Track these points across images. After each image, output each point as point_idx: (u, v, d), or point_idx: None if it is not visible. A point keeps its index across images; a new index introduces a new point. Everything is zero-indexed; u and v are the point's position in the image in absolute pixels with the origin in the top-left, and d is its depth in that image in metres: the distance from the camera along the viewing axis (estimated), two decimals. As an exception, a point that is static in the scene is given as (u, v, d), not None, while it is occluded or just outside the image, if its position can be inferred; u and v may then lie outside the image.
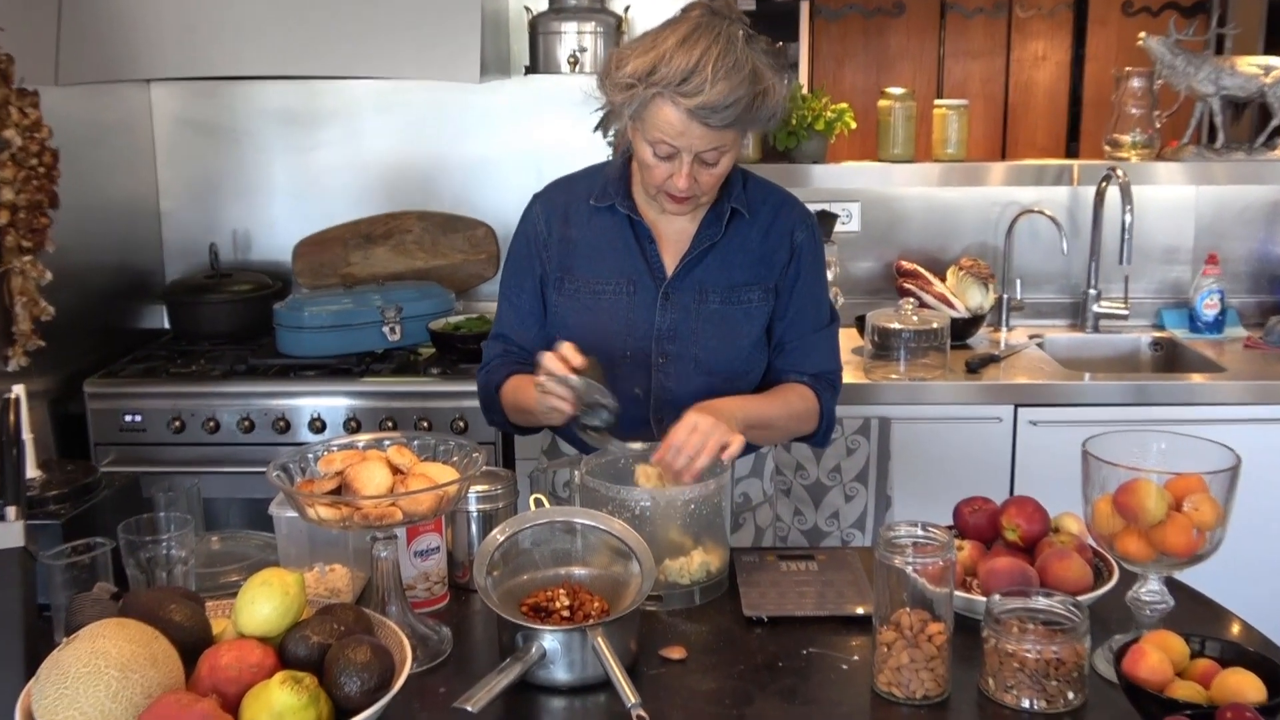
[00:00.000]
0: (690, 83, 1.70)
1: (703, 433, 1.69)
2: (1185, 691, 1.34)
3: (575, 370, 1.71)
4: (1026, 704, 1.40)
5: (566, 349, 1.74)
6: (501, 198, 3.25)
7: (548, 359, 1.73)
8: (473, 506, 1.76)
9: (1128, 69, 3.23)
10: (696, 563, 1.71)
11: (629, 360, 1.93)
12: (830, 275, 3.08)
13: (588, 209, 1.97)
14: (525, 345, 2.00)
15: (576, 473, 1.78)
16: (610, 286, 1.95)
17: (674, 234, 1.96)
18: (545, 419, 1.82)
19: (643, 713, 1.37)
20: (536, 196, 2.04)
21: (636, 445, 1.79)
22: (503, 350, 2.02)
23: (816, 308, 2.00)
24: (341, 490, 1.51)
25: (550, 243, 1.99)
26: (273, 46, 2.76)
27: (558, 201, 2.01)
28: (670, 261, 1.95)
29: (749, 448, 2.04)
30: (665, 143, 1.77)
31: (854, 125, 3.21)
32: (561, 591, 1.57)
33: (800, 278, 1.98)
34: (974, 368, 2.92)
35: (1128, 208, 3.02)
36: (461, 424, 2.75)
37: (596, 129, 1.91)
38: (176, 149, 3.32)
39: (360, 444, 1.61)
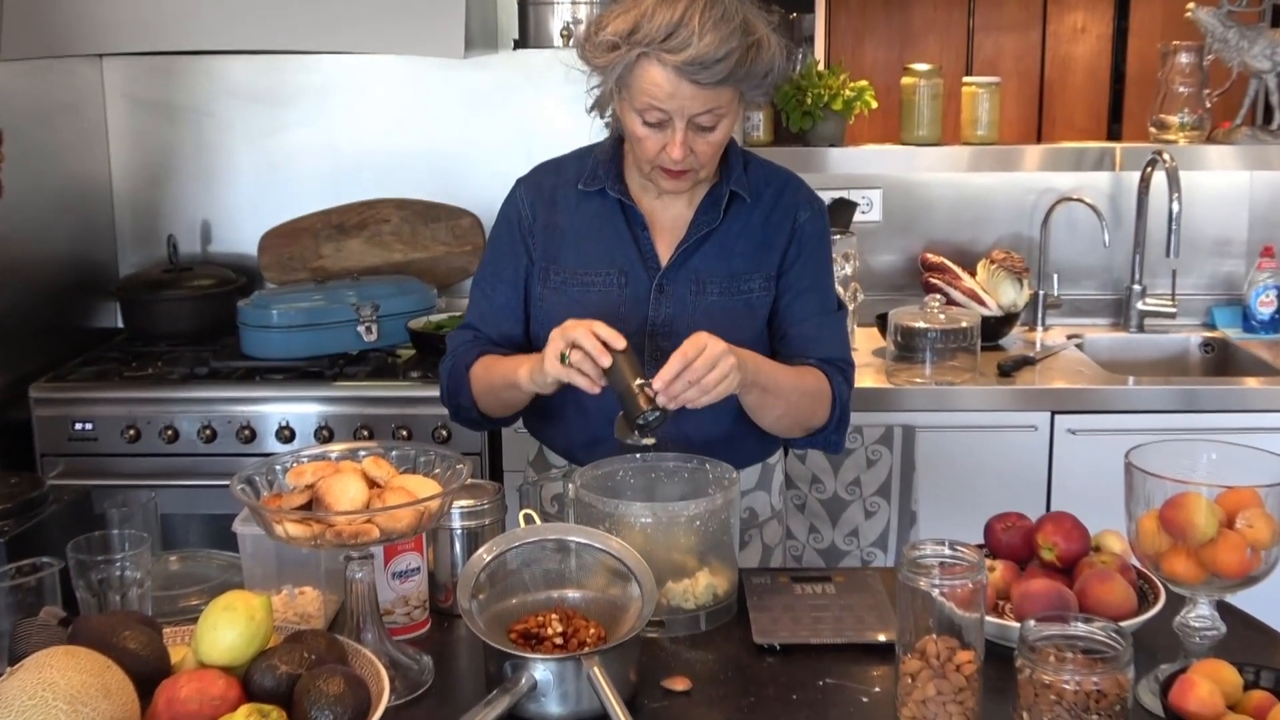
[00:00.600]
0: (676, 37, 1.72)
1: (710, 358, 1.70)
2: (1238, 726, 1.34)
3: (615, 352, 1.72)
4: (1064, 740, 1.40)
5: (605, 330, 1.73)
6: (487, 184, 3.24)
7: (583, 336, 1.72)
8: (456, 523, 1.76)
9: (1175, 43, 3.23)
10: (702, 585, 1.71)
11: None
12: (849, 269, 3.08)
13: (576, 194, 1.98)
14: (499, 340, 2.01)
15: (570, 486, 1.78)
16: (600, 277, 1.95)
17: (669, 221, 1.97)
18: (535, 390, 1.82)
19: (643, 750, 1.37)
20: (520, 180, 2.05)
21: (650, 441, 1.79)
22: (472, 338, 2.03)
23: (821, 293, 2.00)
24: (312, 505, 1.51)
25: (535, 229, 1.99)
26: (237, 18, 2.76)
27: (544, 185, 2.02)
28: (665, 250, 1.96)
29: (755, 453, 2.04)
30: (655, 108, 1.78)
31: (875, 105, 3.21)
32: (554, 616, 1.57)
33: (801, 257, 1.98)
34: (1007, 371, 2.93)
35: (1175, 195, 3.02)
36: (444, 433, 2.75)
37: (591, 109, 1.92)
38: (131, 131, 3.32)
39: (333, 455, 1.62)
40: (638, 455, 1.82)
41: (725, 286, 1.95)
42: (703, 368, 1.71)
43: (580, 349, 1.72)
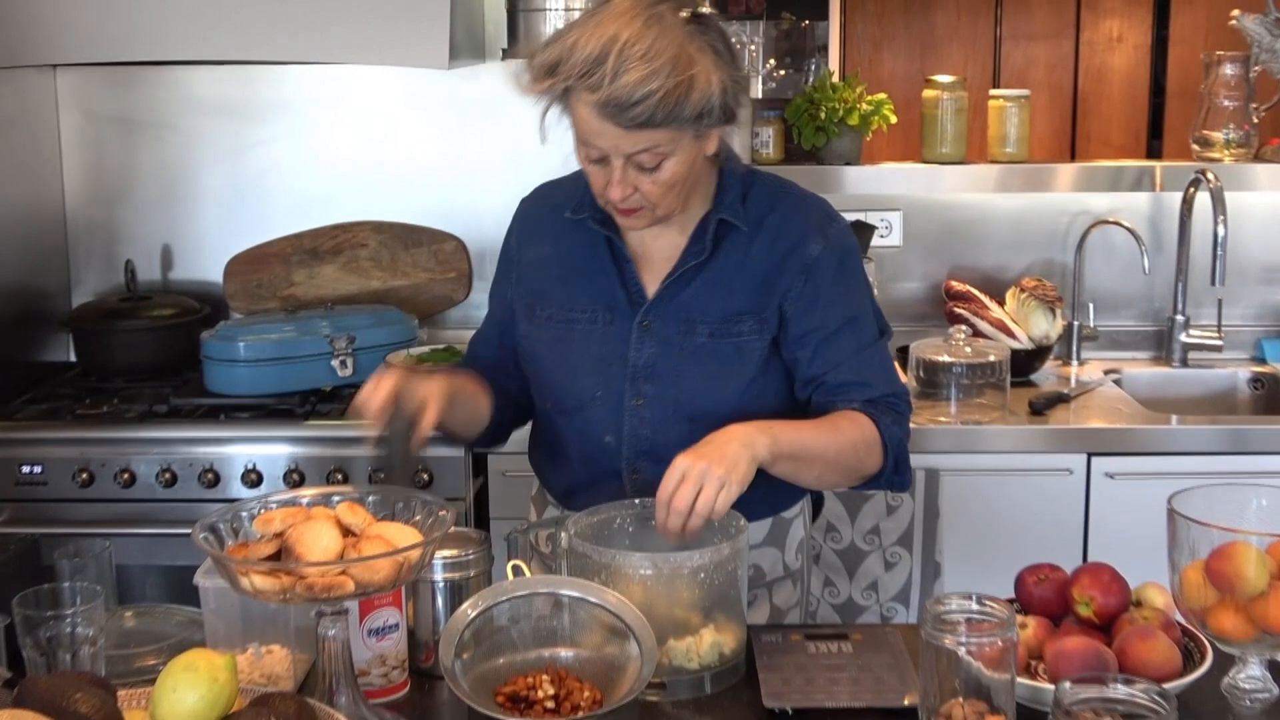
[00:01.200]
0: (593, 75, 1.71)
1: (694, 480, 1.68)
2: (1294, 798, 1.34)
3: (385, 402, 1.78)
4: (1103, 813, 1.40)
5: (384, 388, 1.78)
6: (473, 205, 3.27)
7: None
8: (439, 575, 1.76)
9: (1219, 53, 3.25)
10: (707, 643, 1.71)
11: (598, 401, 1.94)
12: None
13: (565, 221, 1.99)
14: (480, 369, 2.03)
15: (562, 534, 1.78)
16: (585, 314, 1.96)
17: (659, 252, 1.96)
18: None
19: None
20: (523, 201, 2.08)
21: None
22: (463, 361, 2.09)
23: (855, 328, 1.95)
24: (281, 556, 1.51)
25: (518, 261, 2.02)
26: (203, 26, 2.78)
27: (540, 210, 2.04)
28: (651, 285, 1.95)
29: (762, 508, 2.02)
30: (590, 144, 1.79)
31: (894, 120, 3.23)
32: (545, 678, 1.57)
33: (822, 296, 1.92)
34: (1039, 409, 2.93)
35: (1220, 218, 3.03)
36: (425, 477, 2.75)
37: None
38: (86, 147, 3.34)
39: (304, 500, 1.62)
40: (637, 501, 1.82)
41: (717, 328, 1.92)
42: (688, 496, 1.67)
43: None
